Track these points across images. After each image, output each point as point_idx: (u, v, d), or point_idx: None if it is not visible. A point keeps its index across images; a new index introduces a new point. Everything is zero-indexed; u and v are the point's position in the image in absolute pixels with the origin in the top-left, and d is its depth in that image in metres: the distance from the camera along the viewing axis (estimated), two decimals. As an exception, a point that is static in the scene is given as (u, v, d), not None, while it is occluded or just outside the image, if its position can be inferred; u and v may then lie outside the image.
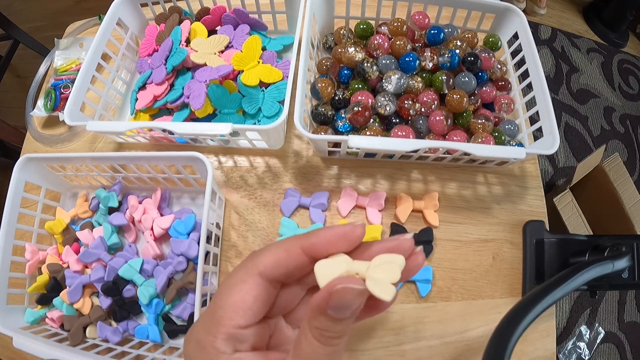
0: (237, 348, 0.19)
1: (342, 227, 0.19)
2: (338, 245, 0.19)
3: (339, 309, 0.17)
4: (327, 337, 0.17)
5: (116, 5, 0.53)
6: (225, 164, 0.53)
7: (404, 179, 0.51)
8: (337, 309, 0.17)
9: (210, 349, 0.18)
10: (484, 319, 0.45)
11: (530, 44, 0.48)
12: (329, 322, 0.17)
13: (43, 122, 0.60)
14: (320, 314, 0.17)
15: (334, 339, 0.17)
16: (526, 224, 0.48)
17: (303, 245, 0.19)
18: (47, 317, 0.46)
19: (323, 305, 0.17)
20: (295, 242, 0.19)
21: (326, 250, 0.19)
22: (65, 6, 1.75)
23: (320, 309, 0.17)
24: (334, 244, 0.19)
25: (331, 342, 0.17)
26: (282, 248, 0.19)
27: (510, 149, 0.42)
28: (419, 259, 0.19)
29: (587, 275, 0.34)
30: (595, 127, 1.40)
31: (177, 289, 0.43)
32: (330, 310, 0.17)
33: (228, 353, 0.18)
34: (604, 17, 1.58)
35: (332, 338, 0.17)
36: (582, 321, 1.11)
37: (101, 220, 0.49)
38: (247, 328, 0.19)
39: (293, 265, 0.19)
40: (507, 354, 0.28)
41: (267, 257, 0.19)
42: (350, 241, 0.19)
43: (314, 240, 0.19)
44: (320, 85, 0.47)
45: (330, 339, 0.17)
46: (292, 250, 0.19)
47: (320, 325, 0.17)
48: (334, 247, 0.19)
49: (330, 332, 0.17)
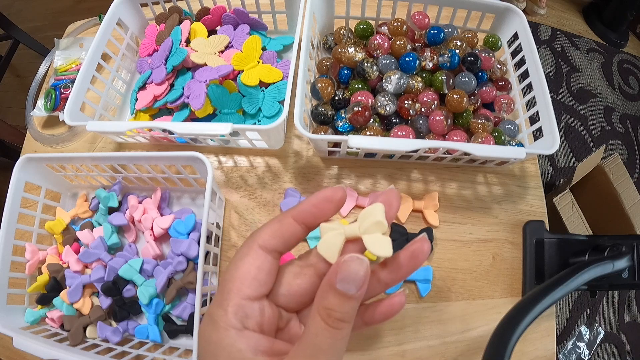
0: (245, 324, 0.20)
1: (325, 191, 0.21)
2: (324, 208, 0.21)
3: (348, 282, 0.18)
4: (333, 318, 0.18)
5: (116, 5, 0.53)
6: (225, 164, 0.53)
7: (404, 179, 0.51)
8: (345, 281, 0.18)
9: (221, 322, 0.20)
10: (484, 319, 0.45)
11: (530, 44, 0.48)
12: (336, 299, 0.18)
13: (43, 122, 0.60)
14: (329, 291, 0.18)
15: (340, 321, 0.18)
16: (526, 224, 0.48)
17: (293, 214, 0.21)
18: (47, 317, 0.46)
19: (332, 279, 0.18)
20: (286, 213, 0.21)
21: (314, 214, 0.21)
22: (65, 6, 1.75)
23: (329, 284, 0.18)
24: (320, 207, 0.21)
25: (337, 325, 0.18)
26: (275, 220, 0.22)
27: (510, 149, 0.42)
28: (424, 247, 0.20)
29: (587, 275, 0.34)
30: (595, 127, 1.40)
31: (177, 289, 0.43)
32: (339, 284, 0.18)
33: (238, 328, 0.20)
34: (604, 17, 1.58)
35: (338, 320, 0.18)
36: (582, 321, 1.11)
37: (101, 220, 0.49)
38: (254, 301, 0.20)
39: (288, 234, 0.21)
40: (507, 354, 0.28)
41: (263, 230, 0.21)
42: (334, 203, 0.21)
43: (302, 207, 0.21)
44: (320, 85, 0.47)
45: (336, 321, 0.18)
46: (284, 221, 0.21)
47: (329, 304, 0.18)
48: (321, 210, 0.21)
49: (337, 312, 0.18)
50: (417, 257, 0.20)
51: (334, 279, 0.18)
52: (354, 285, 0.18)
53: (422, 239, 0.20)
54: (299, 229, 0.21)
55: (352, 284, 0.18)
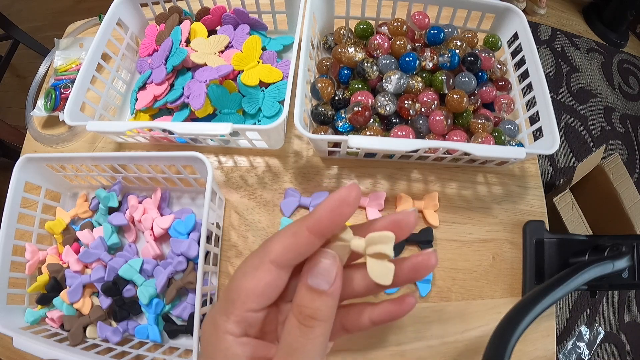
0: (247, 332, 0.20)
1: (339, 193, 0.18)
2: (342, 212, 0.18)
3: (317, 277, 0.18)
4: (304, 314, 0.18)
5: (116, 5, 0.53)
6: (225, 164, 0.53)
7: (404, 179, 0.51)
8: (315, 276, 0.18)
9: (221, 328, 0.20)
10: (484, 319, 0.45)
11: (530, 44, 0.48)
12: (308, 295, 0.18)
13: (43, 122, 0.60)
14: (302, 287, 0.18)
15: (310, 318, 0.18)
16: (526, 224, 0.48)
17: (308, 225, 0.19)
18: (47, 317, 0.46)
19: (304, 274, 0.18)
20: (300, 224, 0.19)
21: (331, 221, 0.19)
22: (65, 6, 1.75)
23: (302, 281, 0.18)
24: (338, 211, 0.18)
25: (308, 322, 0.18)
26: (289, 232, 0.19)
27: (510, 149, 0.42)
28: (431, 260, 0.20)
29: (587, 275, 0.34)
30: (595, 127, 1.40)
31: (177, 289, 0.43)
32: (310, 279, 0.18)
33: (237, 335, 0.20)
34: (604, 17, 1.58)
35: (309, 317, 0.18)
36: (582, 321, 1.11)
37: (101, 220, 0.49)
38: (258, 312, 0.20)
39: (302, 247, 0.19)
40: (507, 354, 0.28)
41: (276, 244, 0.20)
42: (350, 204, 0.18)
43: (317, 215, 0.19)
44: (320, 85, 0.47)
45: (307, 318, 0.18)
46: (299, 233, 0.19)
47: (300, 301, 0.18)
48: (339, 215, 0.18)
49: (308, 308, 0.18)
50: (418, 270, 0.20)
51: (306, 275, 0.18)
52: (324, 281, 0.18)
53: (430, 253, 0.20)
54: (315, 241, 0.19)
55: (322, 279, 0.18)
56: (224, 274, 0.48)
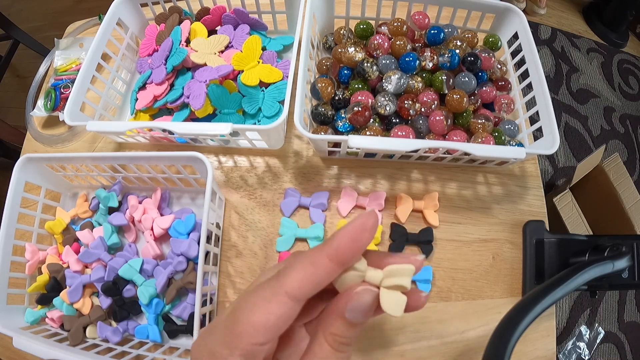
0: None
1: (357, 221, 0.18)
2: (362, 239, 0.18)
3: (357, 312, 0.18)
4: (339, 342, 0.19)
5: (116, 5, 0.53)
6: (225, 164, 0.53)
7: (404, 179, 0.51)
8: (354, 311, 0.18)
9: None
10: (484, 319, 0.45)
11: (530, 44, 0.48)
12: (344, 327, 0.19)
13: (43, 122, 0.60)
14: (338, 319, 0.19)
15: (345, 345, 0.19)
16: (526, 224, 0.48)
17: (329, 253, 0.18)
18: (47, 317, 0.46)
19: (342, 308, 0.18)
20: (319, 252, 0.18)
21: (352, 249, 0.18)
22: (65, 6, 1.75)
23: (339, 313, 0.19)
24: (358, 239, 0.18)
25: (343, 349, 0.19)
26: (307, 262, 0.18)
27: (510, 149, 0.42)
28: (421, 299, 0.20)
29: (587, 275, 0.34)
30: (595, 127, 1.40)
31: (177, 289, 0.43)
32: (348, 313, 0.18)
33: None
34: (604, 17, 1.58)
35: (344, 344, 0.19)
36: (582, 321, 1.11)
37: (101, 220, 0.49)
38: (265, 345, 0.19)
39: (322, 277, 0.18)
40: (507, 354, 0.28)
41: (293, 276, 0.18)
42: (369, 231, 0.18)
43: (337, 243, 0.18)
44: (320, 85, 0.47)
45: (342, 345, 0.19)
46: (318, 262, 0.18)
47: (336, 331, 0.19)
48: (359, 242, 0.18)
49: (343, 338, 0.19)
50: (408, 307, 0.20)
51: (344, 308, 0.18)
52: (361, 315, 0.18)
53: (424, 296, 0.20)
54: (335, 269, 0.18)
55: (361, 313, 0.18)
56: (224, 273, 0.48)
